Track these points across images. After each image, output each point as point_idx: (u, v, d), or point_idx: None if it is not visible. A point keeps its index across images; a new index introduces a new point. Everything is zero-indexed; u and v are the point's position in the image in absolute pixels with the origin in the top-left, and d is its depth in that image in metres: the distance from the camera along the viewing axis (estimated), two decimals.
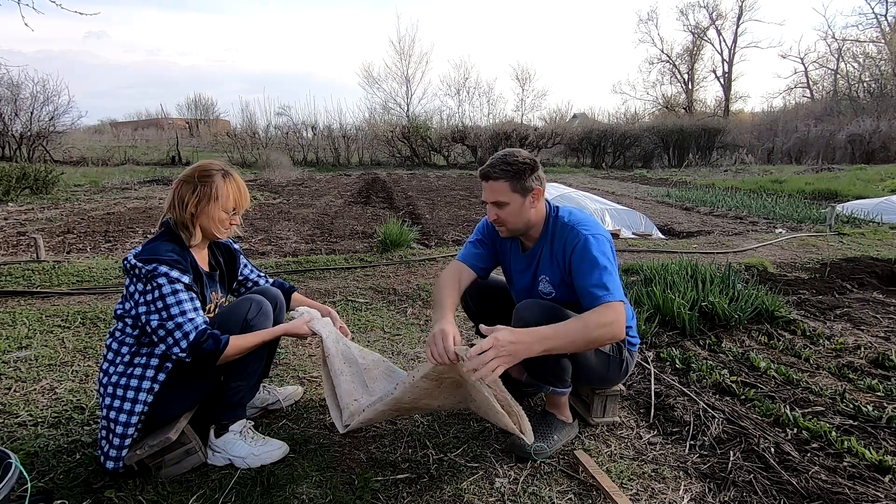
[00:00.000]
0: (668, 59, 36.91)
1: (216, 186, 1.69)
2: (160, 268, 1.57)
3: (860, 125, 21.33)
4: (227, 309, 1.78)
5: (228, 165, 1.78)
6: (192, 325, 1.57)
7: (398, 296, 3.63)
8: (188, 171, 1.72)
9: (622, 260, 4.60)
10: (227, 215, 1.73)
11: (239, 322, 1.72)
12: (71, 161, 19.21)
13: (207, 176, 1.69)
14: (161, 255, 1.60)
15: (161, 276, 1.57)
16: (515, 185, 1.71)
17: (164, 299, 1.56)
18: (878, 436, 1.88)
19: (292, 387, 2.22)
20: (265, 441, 1.79)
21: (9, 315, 3.09)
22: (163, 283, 1.57)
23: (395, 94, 28.83)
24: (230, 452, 1.73)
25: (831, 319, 3.12)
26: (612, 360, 1.83)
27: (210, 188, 1.68)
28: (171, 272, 1.58)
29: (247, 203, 1.79)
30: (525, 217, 1.77)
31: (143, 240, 5.86)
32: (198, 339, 1.57)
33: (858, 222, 6.99)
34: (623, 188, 12.85)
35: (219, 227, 1.73)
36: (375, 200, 10.01)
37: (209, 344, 1.59)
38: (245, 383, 1.77)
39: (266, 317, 1.78)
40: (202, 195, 1.68)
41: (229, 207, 1.72)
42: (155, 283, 1.57)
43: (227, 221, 1.75)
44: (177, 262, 1.61)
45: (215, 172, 1.71)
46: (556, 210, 1.85)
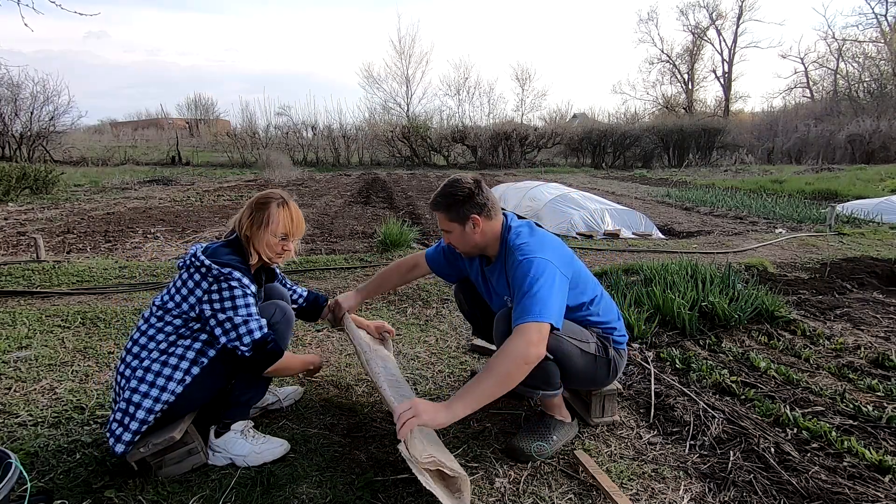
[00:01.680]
0: (668, 59, 36.97)
1: (269, 213, 1.78)
2: (235, 273, 1.68)
3: (860, 125, 21.34)
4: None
5: (289, 195, 1.88)
6: (258, 325, 1.69)
7: (398, 296, 3.62)
8: (253, 197, 1.86)
9: (622, 260, 4.60)
10: (277, 240, 1.80)
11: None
12: (71, 161, 19.23)
13: (264, 203, 1.80)
14: (234, 262, 1.71)
15: (234, 280, 1.67)
16: (452, 216, 1.80)
17: (235, 300, 1.67)
18: (878, 436, 1.88)
19: (292, 387, 2.22)
20: (266, 439, 1.79)
21: (9, 315, 3.09)
22: (235, 285, 1.67)
23: (395, 94, 28.92)
24: (231, 451, 1.73)
25: (831, 319, 3.12)
26: (599, 360, 1.83)
27: (263, 214, 1.78)
28: (243, 279, 1.69)
29: (300, 232, 1.87)
30: (470, 241, 1.83)
31: (143, 240, 5.87)
32: (264, 338, 1.69)
33: (858, 222, 6.99)
34: (623, 188, 12.85)
35: (270, 252, 1.81)
36: (375, 200, 10.01)
37: (273, 346, 1.72)
38: (255, 386, 1.84)
39: (288, 324, 1.86)
40: (255, 220, 1.78)
41: (279, 233, 1.79)
42: (227, 285, 1.67)
43: (278, 247, 1.81)
44: (247, 271, 1.74)
45: (272, 200, 1.81)
46: (509, 230, 1.84)
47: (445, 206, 1.81)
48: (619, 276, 3.81)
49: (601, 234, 6.20)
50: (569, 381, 1.85)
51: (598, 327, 1.88)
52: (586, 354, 1.80)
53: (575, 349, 1.76)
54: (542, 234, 1.86)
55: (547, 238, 1.82)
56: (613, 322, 1.92)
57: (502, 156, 22.99)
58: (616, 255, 4.88)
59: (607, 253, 5.01)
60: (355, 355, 2.34)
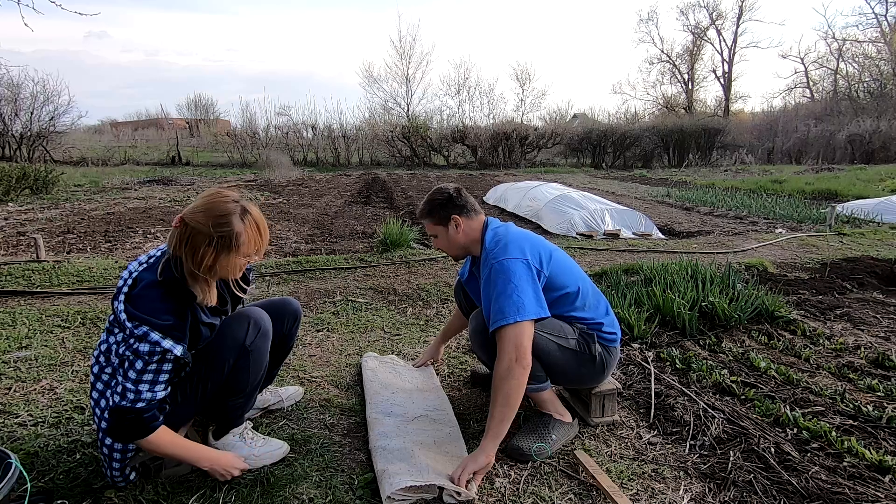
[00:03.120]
0: (668, 59, 36.95)
1: (235, 234, 1.45)
2: (152, 335, 1.39)
3: (860, 125, 21.34)
4: (221, 330, 1.62)
5: (241, 196, 1.54)
6: (128, 400, 1.40)
7: (398, 296, 3.62)
8: (200, 216, 1.43)
9: (622, 260, 4.60)
10: (245, 260, 1.53)
11: (236, 348, 1.60)
12: (71, 161, 19.22)
13: (224, 223, 1.43)
14: (157, 317, 1.40)
15: (143, 344, 1.40)
16: (435, 219, 1.94)
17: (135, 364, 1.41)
18: (878, 436, 1.88)
19: (293, 387, 2.21)
20: (265, 441, 1.78)
21: (9, 315, 3.09)
22: (143, 350, 1.40)
23: (396, 94, 28.86)
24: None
25: (831, 319, 3.12)
26: (581, 356, 1.83)
27: (229, 238, 1.44)
28: (162, 342, 1.40)
29: (266, 242, 1.56)
30: (455, 242, 1.95)
31: (143, 240, 5.86)
32: (121, 412, 1.40)
33: (858, 222, 6.99)
34: (623, 188, 12.85)
35: (236, 272, 1.56)
36: (375, 200, 10.01)
37: (128, 421, 1.41)
38: (242, 400, 1.73)
39: (265, 338, 1.66)
40: (221, 247, 1.44)
41: (251, 253, 1.52)
42: (136, 346, 1.40)
43: (245, 263, 1.56)
44: (172, 328, 1.42)
45: (232, 215, 1.45)
46: (486, 230, 1.94)
47: (428, 211, 1.94)
48: (619, 276, 3.81)
49: (601, 233, 6.20)
50: (553, 377, 1.88)
51: (582, 322, 1.87)
52: (565, 350, 1.81)
53: (552, 344, 1.78)
54: (517, 232, 1.90)
55: (521, 236, 1.87)
56: (600, 318, 1.90)
57: (502, 156, 22.98)
58: (616, 255, 4.88)
59: (607, 253, 5.01)
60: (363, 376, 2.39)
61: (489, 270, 1.78)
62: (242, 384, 1.68)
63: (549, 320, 1.80)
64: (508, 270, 1.73)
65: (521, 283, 1.71)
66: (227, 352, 1.60)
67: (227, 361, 1.62)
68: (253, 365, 1.67)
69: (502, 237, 1.86)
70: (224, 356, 1.60)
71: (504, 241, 1.83)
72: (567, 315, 1.86)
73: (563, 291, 1.84)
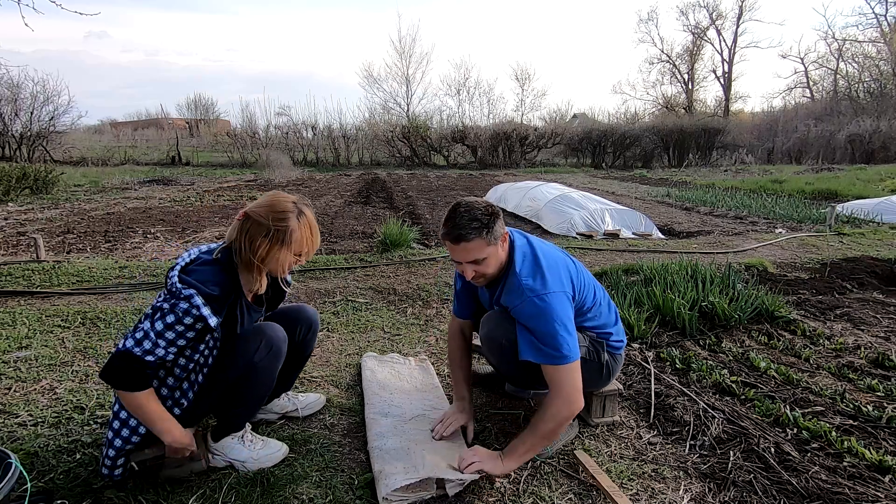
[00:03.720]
0: (668, 59, 36.95)
1: (290, 231, 1.56)
2: (195, 298, 1.47)
3: (860, 125, 21.34)
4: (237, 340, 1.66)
5: (300, 199, 1.64)
6: (142, 349, 1.45)
7: (398, 296, 3.62)
8: (261, 210, 1.57)
9: (622, 260, 4.60)
10: (294, 257, 1.62)
11: (245, 362, 1.62)
12: (71, 161, 19.22)
13: (282, 219, 1.56)
14: (206, 286, 1.49)
15: (185, 302, 1.46)
16: (490, 238, 1.66)
17: (166, 317, 1.47)
18: (878, 436, 1.88)
19: (314, 395, 2.13)
20: (265, 443, 1.77)
21: (9, 315, 3.09)
22: (181, 307, 1.46)
23: (396, 94, 28.87)
24: (229, 456, 1.72)
25: (831, 319, 3.12)
26: (590, 364, 1.83)
27: (284, 233, 1.56)
28: (202, 307, 1.47)
29: (317, 245, 1.68)
30: (499, 261, 1.74)
31: (143, 240, 5.86)
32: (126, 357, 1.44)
33: (858, 222, 6.98)
34: (623, 188, 12.84)
35: (284, 269, 1.64)
36: (375, 200, 10.01)
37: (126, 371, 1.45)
38: (243, 411, 1.74)
39: (276, 358, 1.68)
40: (275, 240, 1.55)
41: (301, 251, 1.61)
42: (175, 304, 1.47)
43: (293, 264, 1.64)
44: (215, 298, 1.50)
45: (290, 214, 1.57)
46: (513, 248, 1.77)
47: (481, 229, 1.64)
48: (619, 276, 3.81)
49: (601, 233, 6.20)
50: None
51: (592, 331, 1.87)
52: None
53: None
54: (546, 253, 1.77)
55: (553, 261, 1.75)
56: (609, 327, 1.91)
57: (502, 156, 22.99)
58: (616, 255, 4.88)
59: (607, 253, 5.01)
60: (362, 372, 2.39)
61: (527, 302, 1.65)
62: (245, 397, 1.70)
63: None
64: (555, 307, 1.63)
65: (567, 320, 1.66)
66: (237, 361, 1.63)
67: (235, 371, 1.63)
68: (257, 382, 1.68)
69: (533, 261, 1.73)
70: (233, 365, 1.63)
71: (541, 271, 1.70)
72: (580, 325, 1.85)
73: (583, 306, 1.83)
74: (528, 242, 1.81)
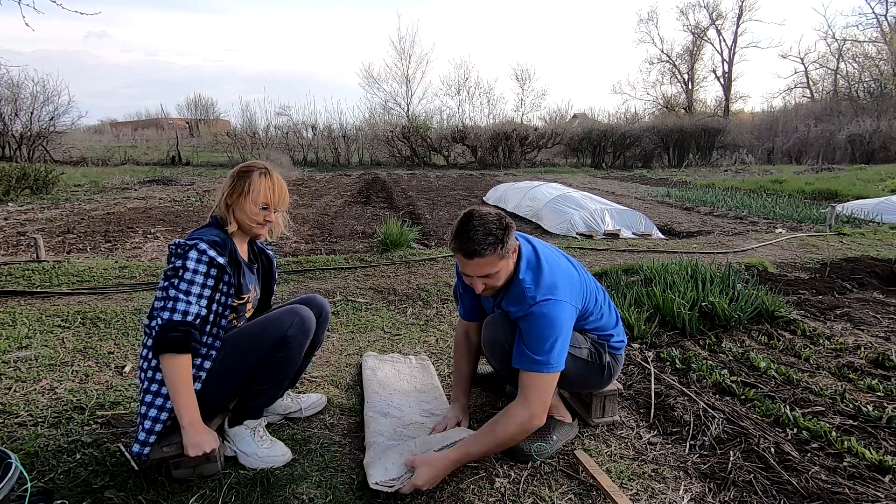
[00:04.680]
0: (668, 59, 36.94)
1: (250, 181, 1.76)
2: (200, 244, 1.63)
3: (860, 125, 21.33)
4: (267, 319, 1.79)
5: (273, 167, 1.84)
6: (179, 312, 1.58)
7: (398, 296, 3.62)
8: (235, 168, 1.83)
9: (622, 260, 4.60)
10: (258, 209, 1.77)
11: (276, 337, 1.73)
12: (71, 161, 19.21)
13: (246, 172, 1.78)
14: (205, 235, 1.68)
15: (193, 251, 1.62)
16: (502, 253, 1.63)
17: (185, 271, 1.61)
18: (878, 436, 1.88)
19: (316, 395, 2.16)
20: (272, 444, 1.78)
21: (9, 315, 3.09)
22: (192, 256, 1.62)
23: (396, 94, 28.81)
24: (237, 446, 1.75)
25: (831, 319, 3.12)
26: (591, 365, 1.84)
27: (244, 182, 1.76)
28: (208, 250, 1.64)
29: (282, 203, 1.83)
30: (508, 273, 1.72)
31: (143, 240, 5.87)
32: (170, 326, 1.56)
33: (858, 222, 6.99)
34: (623, 188, 12.84)
35: (252, 221, 1.78)
36: (375, 200, 10.01)
37: (174, 337, 1.56)
38: (267, 391, 1.80)
39: (305, 335, 1.80)
40: (237, 188, 1.76)
41: (259, 202, 1.76)
42: (185, 258, 1.62)
43: (259, 216, 1.78)
44: (216, 243, 1.68)
45: (255, 170, 1.79)
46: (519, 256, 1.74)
47: (498, 244, 1.61)
48: (619, 276, 3.81)
49: (601, 233, 6.20)
50: (561, 383, 1.86)
51: (593, 333, 1.88)
52: (577, 359, 1.80)
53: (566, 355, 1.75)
54: (551, 262, 1.74)
55: (556, 269, 1.73)
56: (610, 329, 1.91)
57: (502, 156, 22.98)
58: (616, 255, 4.88)
59: (607, 253, 5.01)
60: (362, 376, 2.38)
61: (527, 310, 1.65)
62: (271, 376, 1.77)
63: None
64: (554, 316, 1.63)
65: (563, 332, 1.65)
66: (269, 336, 1.73)
67: (266, 348, 1.73)
68: (287, 358, 1.77)
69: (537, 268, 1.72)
70: (266, 340, 1.73)
71: (544, 279, 1.68)
72: (581, 327, 1.85)
73: (586, 311, 1.82)
74: (533, 249, 1.79)
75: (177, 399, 1.58)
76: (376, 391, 2.16)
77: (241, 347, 1.72)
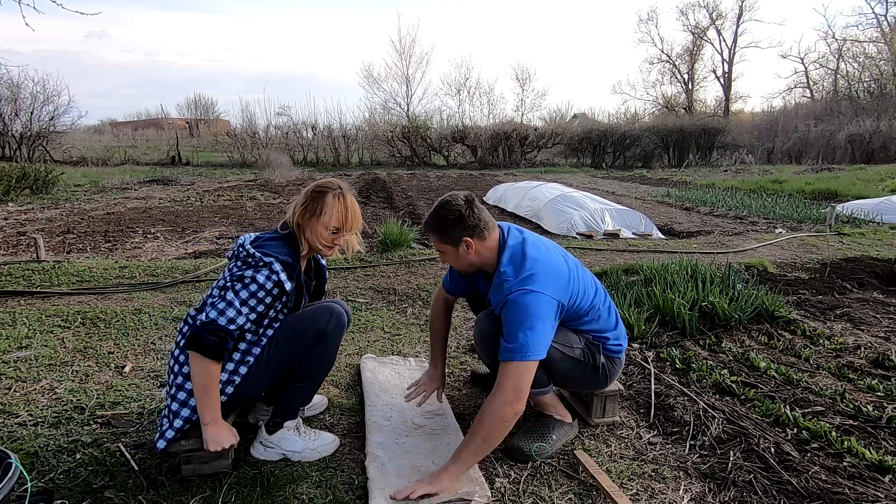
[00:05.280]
0: (668, 59, 36.93)
1: (324, 203, 1.73)
2: (275, 265, 1.62)
3: (860, 125, 21.33)
4: (306, 314, 1.80)
5: (349, 187, 1.81)
6: (226, 318, 1.58)
7: (398, 296, 3.62)
8: (310, 185, 1.79)
9: (622, 260, 4.60)
10: (328, 233, 1.74)
11: (317, 332, 1.76)
12: (71, 161, 19.21)
13: (321, 193, 1.74)
14: (280, 253, 1.66)
15: (266, 269, 1.62)
16: (444, 238, 1.76)
17: (247, 287, 1.60)
18: (878, 436, 1.88)
19: (318, 396, 2.15)
20: (318, 435, 1.83)
21: (9, 315, 3.09)
22: (263, 273, 1.61)
23: (396, 94, 28.81)
24: (284, 448, 1.76)
25: (831, 319, 3.12)
26: (584, 365, 1.83)
27: (317, 204, 1.73)
28: (280, 273, 1.63)
29: (356, 226, 1.81)
30: (465, 261, 1.79)
31: (143, 240, 5.87)
32: (212, 327, 1.56)
33: (858, 222, 6.99)
34: (623, 188, 12.84)
35: (320, 244, 1.75)
36: (375, 200, 10.01)
37: (211, 340, 1.55)
38: (306, 388, 1.82)
39: (339, 332, 1.83)
40: (309, 209, 1.73)
41: (331, 225, 1.74)
42: (257, 271, 1.61)
43: (329, 240, 1.76)
44: (288, 265, 1.67)
45: (329, 191, 1.75)
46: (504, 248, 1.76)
47: (436, 228, 1.78)
48: (619, 276, 3.81)
49: (601, 233, 6.20)
50: (555, 382, 1.88)
51: (588, 334, 1.87)
52: (569, 358, 1.80)
53: (556, 352, 1.76)
54: (537, 256, 1.73)
55: (541, 261, 1.71)
56: (608, 331, 1.89)
57: (502, 156, 22.97)
58: (616, 255, 4.88)
59: (607, 253, 5.01)
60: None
61: (505, 299, 1.65)
62: (311, 370, 1.79)
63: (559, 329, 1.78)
64: (527, 304, 1.61)
65: (538, 322, 1.61)
66: (309, 331, 1.75)
67: (307, 341, 1.75)
68: (326, 353, 1.80)
69: (522, 260, 1.71)
70: (306, 335, 1.75)
71: (528, 272, 1.67)
72: (575, 328, 1.85)
73: (579, 310, 1.81)
74: (522, 241, 1.78)
75: (202, 397, 1.58)
76: (378, 394, 2.16)
77: (281, 344, 1.73)
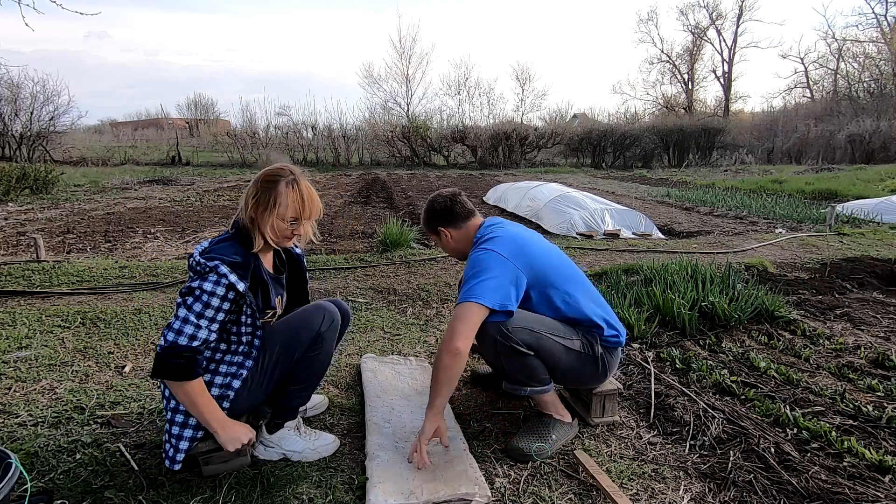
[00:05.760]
0: (668, 59, 36.93)
1: (277, 193, 1.59)
2: (221, 267, 1.51)
3: (860, 125, 21.33)
4: (298, 317, 1.77)
5: (301, 171, 1.68)
6: (186, 336, 1.48)
7: (398, 296, 3.62)
8: (259, 174, 1.66)
9: (622, 260, 4.60)
10: (286, 224, 1.63)
11: (311, 335, 1.72)
12: (71, 161, 19.22)
13: (271, 181, 1.61)
14: (226, 255, 1.55)
15: (212, 273, 1.51)
16: (426, 227, 2.08)
17: (198, 296, 1.50)
18: (878, 436, 1.88)
19: (318, 396, 2.15)
20: (318, 435, 1.82)
21: (9, 315, 3.09)
22: (210, 279, 1.51)
23: (396, 94, 28.82)
24: (285, 448, 1.76)
25: (831, 319, 3.12)
26: (584, 357, 1.84)
27: (270, 195, 1.59)
28: (229, 274, 1.52)
29: (315, 213, 1.69)
30: (450, 247, 2.06)
31: (143, 240, 5.87)
32: (175, 350, 1.47)
33: (858, 222, 6.98)
34: (623, 188, 12.84)
35: (277, 237, 1.64)
36: (375, 200, 10.01)
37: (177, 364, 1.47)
38: (305, 391, 1.81)
39: (334, 332, 1.79)
40: (261, 201, 1.60)
41: (287, 217, 1.61)
42: (203, 279, 1.51)
43: (287, 231, 1.64)
44: (238, 265, 1.56)
45: (281, 178, 1.61)
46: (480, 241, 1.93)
47: (421, 220, 2.09)
48: (619, 276, 3.81)
49: (601, 233, 6.20)
50: (556, 378, 1.88)
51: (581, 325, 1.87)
52: (570, 350, 1.81)
53: (557, 346, 1.78)
54: (505, 232, 1.90)
55: (507, 234, 1.89)
56: (598, 321, 1.87)
57: (502, 156, 22.97)
58: (616, 255, 4.88)
59: (607, 253, 5.01)
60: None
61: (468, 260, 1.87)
62: (305, 375, 1.76)
63: (553, 322, 1.81)
64: (479, 259, 1.79)
65: (488, 273, 1.73)
66: (304, 335, 1.72)
67: (301, 345, 1.71)
68: (321, 354, 1.76)
69: (490, 234, 1.90)
70: (299, 340, 1.71)
71: (486, 238, 1.88)
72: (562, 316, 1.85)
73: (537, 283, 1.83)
74: (491, 226, 1.95)
75: (198, 414, 1.54)
76: (378, 395, 2.16)
77: (275, 351, 1.69)
